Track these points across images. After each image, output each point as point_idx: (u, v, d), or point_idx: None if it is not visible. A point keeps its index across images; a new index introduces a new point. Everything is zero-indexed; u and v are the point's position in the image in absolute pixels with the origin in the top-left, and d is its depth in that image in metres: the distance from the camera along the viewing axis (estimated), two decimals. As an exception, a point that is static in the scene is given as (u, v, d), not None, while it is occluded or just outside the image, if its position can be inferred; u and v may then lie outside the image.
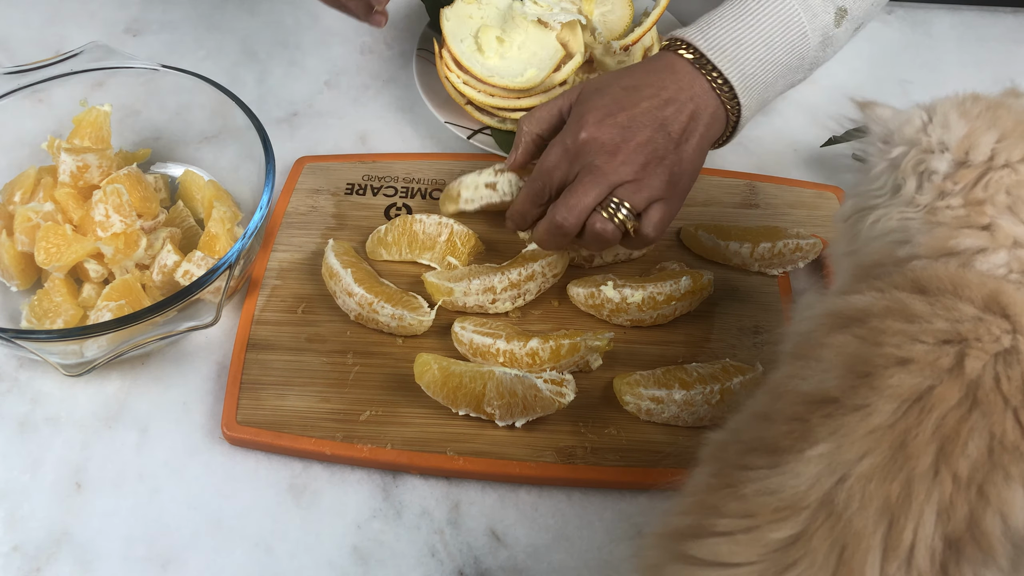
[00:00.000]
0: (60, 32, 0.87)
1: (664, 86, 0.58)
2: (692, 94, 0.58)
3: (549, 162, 0.58)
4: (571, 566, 0.55)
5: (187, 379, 0.62)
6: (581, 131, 0.57)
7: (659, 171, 0.57)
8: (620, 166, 0.56)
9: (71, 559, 0.54)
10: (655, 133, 0.56)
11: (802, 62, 0.61)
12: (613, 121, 0.56)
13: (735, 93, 0.58)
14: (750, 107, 0.60)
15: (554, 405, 0.56)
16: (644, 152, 0.56)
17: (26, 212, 0.63)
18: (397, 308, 0.61)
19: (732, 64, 0.58)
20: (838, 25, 0.61)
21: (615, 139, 0.56)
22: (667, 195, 0.58)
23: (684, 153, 0.58)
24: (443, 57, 0.73)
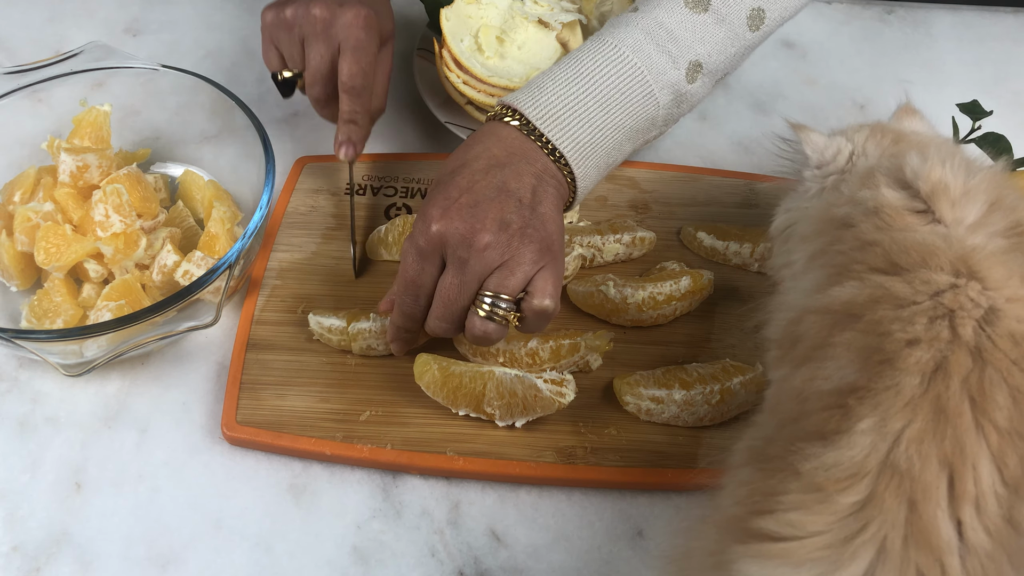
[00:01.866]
0: (60, 32, 0.87)
1: (492, 154, 0.53)
2: (527, 158, 0.54)
3: (409, 271, 0.54)
4: (571, 566, 0.55)
5: (187, 379, 0.62)
6: (430, 225, 0.51)
7: (525, 243, 0.51)
8: (484, 252, 0.51)
9: (71, 559, 0.54)
10: (506, 203, 0.51)
11: (652, 123, 0.57)
12: (457, 205, 0.51)
13: (567, 162, 0.54)
14: (588, 176, 0.56)
15: (554, 405, 0.56)
16: (503, 228, 0.51)
17: (26, 212, 0.63)
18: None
19: (564, 134, 0.54)
20: (692, 81, 0.56)
21: (468, 222, 0.51)
22: (544, 262, 0.52)
23: (543, 216, 0.52)
24: (443, 57, 0.73)
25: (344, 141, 0.65)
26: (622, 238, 0.66)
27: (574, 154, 0.54)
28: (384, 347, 0.60)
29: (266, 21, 0.65)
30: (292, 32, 0.63)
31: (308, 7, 0.62)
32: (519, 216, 0.52)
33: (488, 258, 0.51)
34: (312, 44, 0.63)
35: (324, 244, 0.68)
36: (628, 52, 0.55)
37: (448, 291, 0.53)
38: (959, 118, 0.71)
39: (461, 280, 0.52)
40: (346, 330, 0.60)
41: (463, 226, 0.51)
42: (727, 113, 0.81)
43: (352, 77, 0.63)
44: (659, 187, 0.72)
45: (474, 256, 0.51)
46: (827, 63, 0.86)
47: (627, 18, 0.57)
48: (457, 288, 0.52)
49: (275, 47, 0.65)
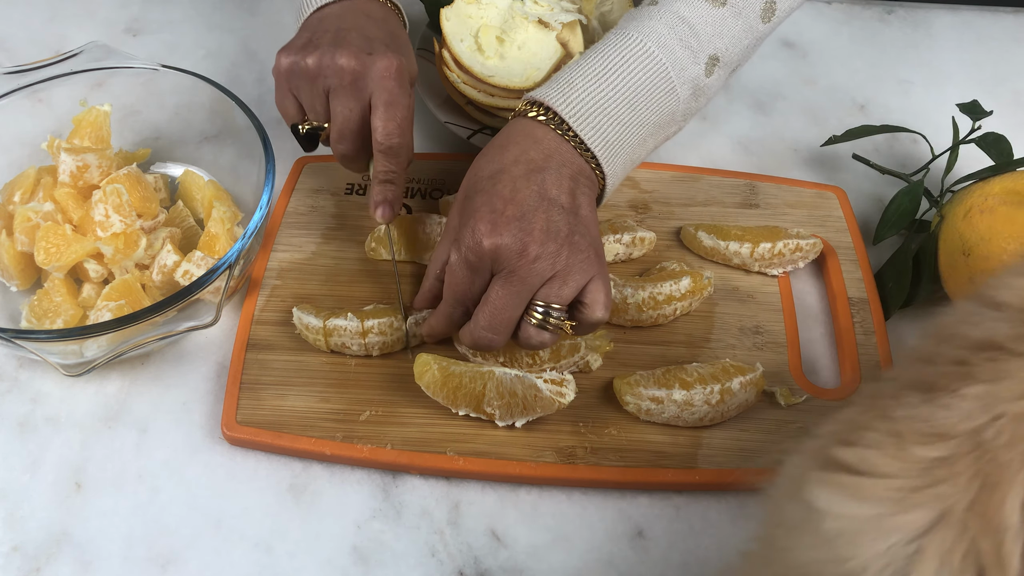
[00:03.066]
0: (60, 32, 0.87)
1: (530, 157, 0.53)
2: (561, 159, 0.54)
3: (461, 284, 0.54)
4: (571, 566, 0.55)
5: (187, 379, 0.62)
6: (481, 239, 0.51)
7: (575, 252, 0.52)
8: (535, 264, 0.51)
9: (71, 559, 0.54)
10: (551, 212, 0.52)
11: (672, 118, 0.58)
12: (504, 218, 0.51)
13: (599, 162, 0.55)
14: (615, 174, 0.56)
15: (554, 405, 0.56)
16: (552, 238, 0.51)
17: (26, 212, 0.63)
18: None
19: (595, 132, 0.54)
20: (709, 74, 0.57)
21: (517, 236, 0.51)
22: (594, 271, 0.53)
23: (586, 219, 0.53)
24: (443, 57, 0.73)
25: (381, 202, 0.60)
26: (622, 238, 0.66)
27: (604, 153, 0.55)
28: (359, 347, 0.60)
29: (282, 68, 0.59)
30: (315, 83, 0.58)
31: (334, 56, 0.57)
32: (566, 223, 0.52)
33: (540, 269, 0.51)
34: (340, 98, 0.58)
35: (324, 244, 0.68)
36: (653, 47, 0.55)
37: (498, 302, 0.52)
38: (959, 118, 0.71)
39: (512, 291, 0.52)
40: (321, 328, 0.60)
41: (513, 241, 0.51)
42: (727, 113, 0.81)
43: (389, 136, 0.58)
44: (659, 187, 0.72)
45: (525, 268, 0.51)
46: (827, 63, 0.86)
47: (648, 11, 0.57)
48: (508, 299, 0.52)
49: (293, 96, 0.60)
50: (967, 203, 0.62)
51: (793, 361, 0.62)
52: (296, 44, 0.59)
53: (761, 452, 0.58)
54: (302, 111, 0.61)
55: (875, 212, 0.72)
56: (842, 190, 0.72)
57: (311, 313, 0.61)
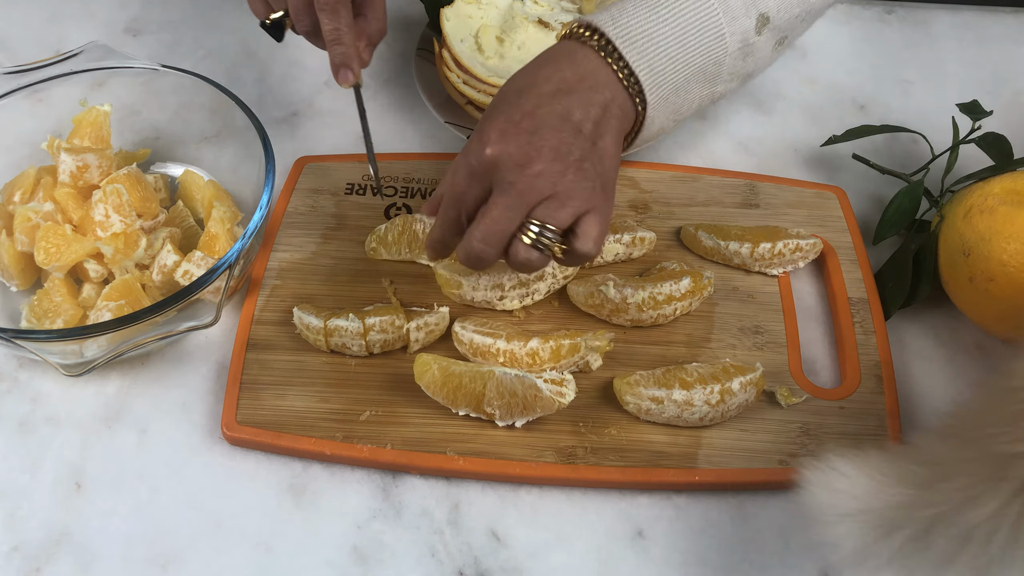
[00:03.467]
0: (60, 32, 0.87)
1: (563, 77, 0.52)
2: (595, 82, 0.52)
3: (458, 186, 0.53)
4: (571, 566, 0.55)
5: (187, 379, 0.62)
6: (485, 147, 0.51)
7: (580, 178, 0.51)
8: (535, 180, 0.50)
9: (71, 559, 0.54)
10: (566, 133, 0.51)
11: (719, 68, 0.57)
12: (516, 129, 0.50)
13: (641, 88, 0.53)
14: (657, 107, 0.55)
15: (554, 405, 0.56)
16: (559, 159, 0.50)
17: (26, 212, 0.63)
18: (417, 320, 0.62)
19: (641, 57, 0.53)
20: (759, 33, 0.56)
21: (524, 149, 0.50)
22: (595, 203, 0.52)
23: (603, 151, 0.52)
24: (443, 57, 0.73)
25: (339, 64, 0.62)
26: (622, 238, 0.66)
27: (648, 80, 0.54)
28: (359, 347, 0.60)
29: None
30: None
31: None
32: (579, 148, 0.51)
33: (539, 186, 0.50)
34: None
35: (324, 244, 0.68)
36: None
37: (494, 212, 0.51)
38: (959, 118, 0.71)
39: (509, 204, 0.51)
40: (322, 328, 0.60)
41: (518, 152, 0.50)
42: (727, 113, 0.81)
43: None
44: (659, 187, 0.72)
45: (524, 182, 0.50)
46: (827, 63, 0.86)
47: None
48: (504, 212, 0.51)
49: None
50: (967, 203, 0.62)
51: (793, 361, 0.62)
52: None
53: (761, 452, 0.58)
54: (268, 7, 0.64)
55: (875, 212, 0.72)
56: (842, 190, 0.72)
57: (311, 313, 0.61)
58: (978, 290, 0.60)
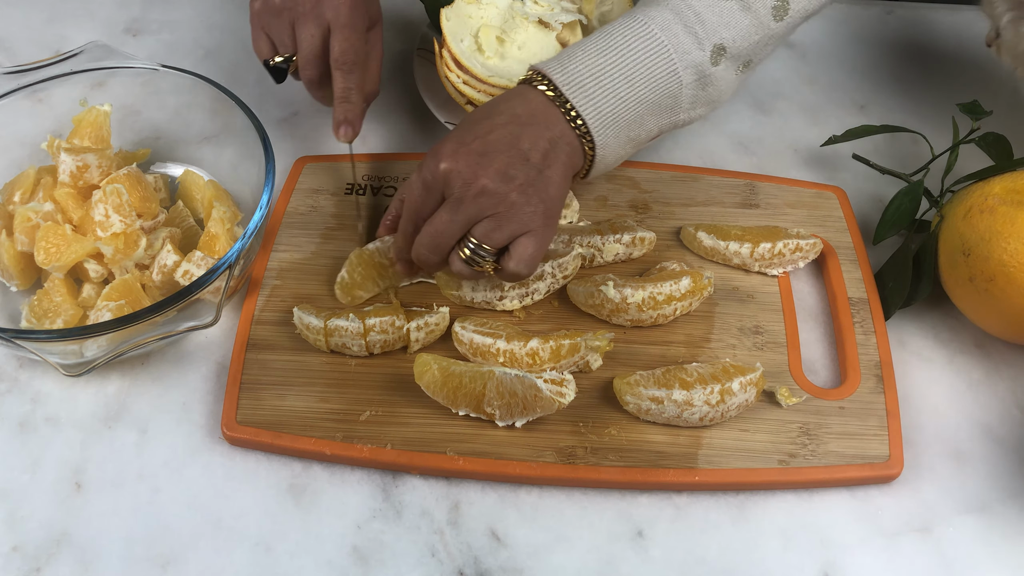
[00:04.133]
0: (60, 32, 0.87)
1: (516, 113, 0.56)
2: (546, 120, 0.56)
3: (415, 200, 0.57)
4: (571, 566, 0.55)
5: (187, 379, 0.62)
6: (439, 162, 0.55)
7: (523, 201, 0.54)
8: (479, 197, 0.54)
9: (71, 559, 0.54)
10: (514, 159, 0.54)
11: (676, 101, 0.58)
12: (467, 149, 0.55)
13: (588, 129, 0.56)
14: (607, 145, 0.58)
15: (554, 405, 0.56)
16: (505, 180, 0.54)
17: (26, 212, 0.63)
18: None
19: (588, 101, 0.56)
20: (716, 63, 0.58)
21: (472, 167, 0.54)
22: (534, 226, 0.55)
23: (548, 179, 0.55)
24: (443, 57, 0.73)
25: (341, 121, 0.66)
26: (622, 238, 0.66)
27: (596, 122, 0.56)
28: (359, 347, 0.60)
29: (255, 9, 0.66)
30: (281, 17, 0.65)
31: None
32: (524, 173, 0.54)
33: (482, 204, 0.54)
34: (302, 25, 0.64)
35: (324, 244, 0.68)
36: (656, 29, 0.57)
37: (438, 225, 0.56)
38: (959, 118, 0.71)
39: (452, 218, 0.55)
40: (322, 328, 0.60)
41: (467, 169, 0.54)
42: (727, 113, 0.81)
43: (343, 53, 0.64)
44: (659, 187, 0.72)
45: (469, 199, 0.54)
46: (827, 63, 0.86)
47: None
48: (447, 224, 0.55)
49: (265, 34, 0.67)
50: (967, 203, 0.62)
51: (793, 361, 0.62)
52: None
53: (761, 452, 0.58)
54: (273, 48, 0.67)
55: (875, 212, 0.72)
56: (842, 190, 0.72)
57: (312, 313, 0.61)
58: (978, 290, 0.60)
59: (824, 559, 0.55)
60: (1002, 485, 0.58)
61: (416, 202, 0.57)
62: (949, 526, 0.57)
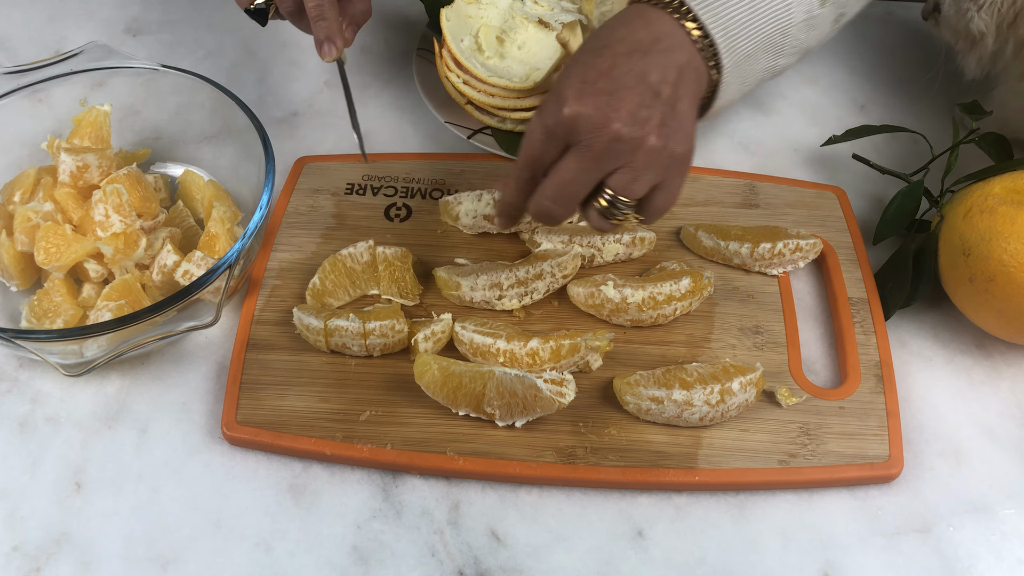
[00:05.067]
0: (60, 32, 0.87)
1: (638, 38, 0.51)
2: (671, 44, 0.51)
3: (533, 149, 0.52)
4: (571, 566, 0.55)
5: (187, 379, 0.62)
6: (563, 106, 0.50)
7: (661, 145, 0.50)
8: (613, 144, 0.49)
9: (71, 559, 0.54)
10: (645, 96, 0.49)
11: (784, 39, 0.55)
12: (593, 89, 0.49)
13: (717, 51, 0.52)
14: (731, 73, 0.54)
15: (554, 405, 0.56)
16: (638, 123, 0.49)
17: (26, 212, 0.63)
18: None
19: (716, 20, 0.52)
20: (823, 5, 0.56)
21: (601, 110, 0.49)
22: (669, 174, 0.52)
23: (683, 114, 0.51)
24: (443, 57, 0.73)
25: (322, 39, 0.64)
26: (622, 238, 0.66)
27: (724, 44, 0.52)
28: (359, 348, 0.60)
29: None
30: None
31: None
32: (658, 112, 0.50)
33: (617, 151, 0.49)
34: None
35: (324, 244, 0.68)
36: None
37: (567, 174, 0.51)
38: (959, 118, 0.71)
39: (584, 167, 0.50)
40: (322, 329, 0.60)
41: (597, 113, 0.49)
42: (727, 113, 0.81)
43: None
44: (659, 187, 0.72)
45: (601, 146, 0.49)
46: (827, 63, 0.86)
47: None
48: (577, 174, 0.51)
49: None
50: (967, 203, 0.62)
51: (793, 361, 0.62)
52: None
53: (761, 452, 0.58)
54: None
55: (875, 212, 0.72)
56: (842, 190, 0.72)
57: (312, 313, 0.61)
58: (978, 290, 0.60)
59: (824, 559, 0.55)
60: (1002, 485, 0.58)
61: (536, 150, 0.52)
62: (949, 526, 0.57)
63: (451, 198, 0.68)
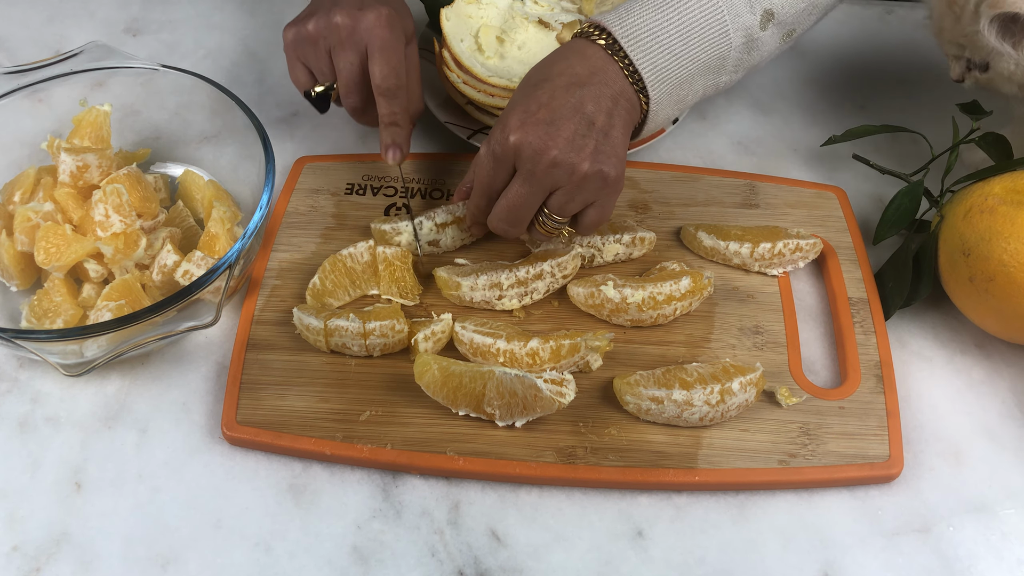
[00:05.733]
0: (60, 32, 0.87)
1: (575, 72, 0.56)
2: (605, 77, 0.56)
3: (485, 175, 0.59)
4: (571, 566, 0.55)
5: (187, 379, 0.62)
6: (508, 135, 0.56)
7: (594, 171, 0.55)
8: (552, 169, 0.55)
9: (71, 559, 0.54)
10: (580, 125, 0.55)
11: (723, 62, 0.60)
12: (534, 119, 0.55)
13: (644, 86, 0.57)
14: (660, 101, 0.59)
15: (554, 405, 0.56)
16: (573, 149, 0.55)
17: (26, 212, 0.63)
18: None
19: (645, 56, 0.57)
20: (764, 28, 0.59)
21: (541, 138, 0.55)
22: (602, 194, 0.57)
23: (615, 141, 0.56)
24: (443, 57, 0.73)
25: (389, 145, 0.65)
26: (622, 238, 0.66)
27: (651, 77, 0.57)
28: (359, 348, 0.60)
29: (288, 39, 0.64)
30: (317, 45, 0.63)
31: (329, 16, 0.62)
32: (592, 140, 0.55)
33: (555, 176, 0.56)
34: (339, 53, 0.63)
35: (324, 244, 0.68)
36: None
37: (515, 198, 0.58)
38: (959, 118, 0.71)
39: (528, 191, 0.57)
40: (322, 329, 0.60)
41: (537, 141, 0.55)
42: (727, 113, 0.81)
43: (385, 78, 0.62)
44: (659, 187, 0.72)
45: (541, 171, 0.55)
46: (827, 63, 0.86)
47: None
48: (524, 197, 0.57)
49: (302, 64, 0.65)
50: (967, 203, 0.62)
51: (793, 361, 0.62)
52: (299, 17, 0.65)
53: (761, 452, 0.58)
54: (312, 78, 0.66)
55: (875, 212, 0.72)
56: (842, 190, 0.72)
57: (312, 313, 0.61)
58: (978, 290, 0.60)
59: (824, 559, 0.55)
60: (1002, 485, 0.58)
61: (487, 176, 0.59)
62: (949, 526, 0.57)
63: (387, 227, 0.66)
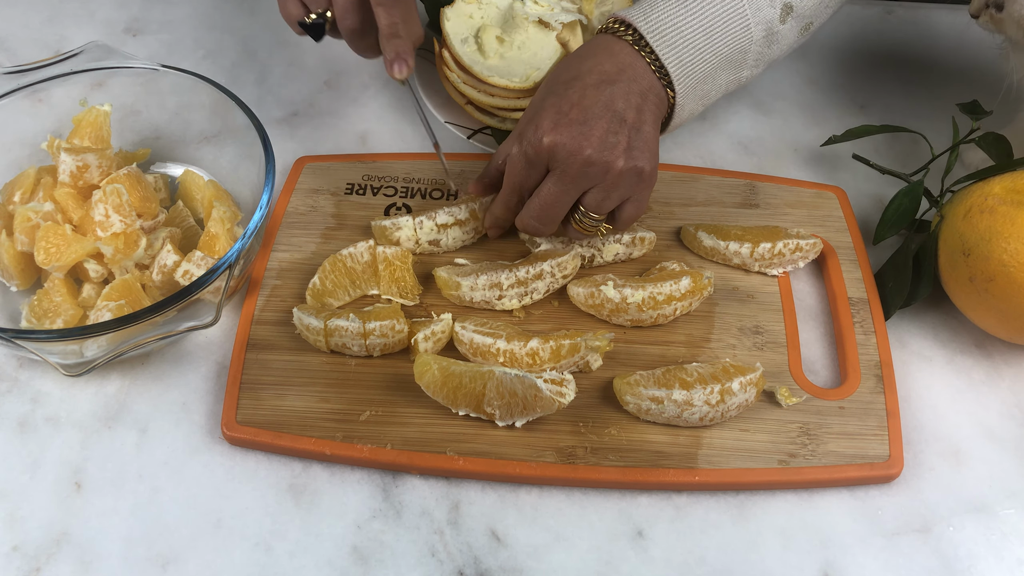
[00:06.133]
0: (60, 32, 0.87)
1: (604, 69, 0.57)
2: (634, 73, 0.57)
3: (518, 175, 0.59)
4: (571, 566, 0.55)
5: (187, 379, 0.62)
6: (542, 136, 0.56)
7: (628, 167, 0.56)
8: (587, 168, 0.56)
9: (71, 559, 0.54)
10: (612, 123, 0.56)
11: (744, 56, 0.61)
12: (567, 120, 0.56)
13: (671, 80, 0.58)
14: (685, 95, 0.60)
15: (554, 405, 0.56)
16: (606, 148, 0.56)
17: (26, 212, 0.63)
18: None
19: (670, 50, 0.58)
20: (783, 21, 0.60)
21: (575, 139, 0.56)
22: (637, 189, 0.58)
23: (646, 136, 0.57)
24: (443, 57, 0.73)
25: (393, 58, 0.63)
26: (622, 238, 0.66)
27: (677, 71, 0.59)
28: (359, 348, 0.60)
29: None
30: None
31: None
32: (624, 137, 0.56)
33: (590, 174, 0.56)
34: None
35: (324, 244, 0.68)
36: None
37: (548, 197, 0.58)
38: (959, 118, 0.71)
39: (562, 190, 0.58)
40: (322, 329, 0.60)
41: (571, 142, 0.56)
42: (727, 113, 0.81)
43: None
44: (659, 187, 0.72)
45: (576, 170, 0.56)
46: (827, 63, 0.86)
47: None
48: (557, 196, 0.58)
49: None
50: (967, 203, 0.62)
51: (793, 361, 0.62)
52: None
53: (761, 452, 0.58)
54: (303, 7, 0.64)
55: (875, 212, 0.72)
56: (842, 190, 0.72)
57: (312, 313, 0.61)
58: (978, 290, 0.60)
59: (824, 559, 0.55)
60: (1002, 485, 0.58)
61: (519, 175, 0.59)
62: (949, 526, 0.57)
63: (387, 223, 0.66)
